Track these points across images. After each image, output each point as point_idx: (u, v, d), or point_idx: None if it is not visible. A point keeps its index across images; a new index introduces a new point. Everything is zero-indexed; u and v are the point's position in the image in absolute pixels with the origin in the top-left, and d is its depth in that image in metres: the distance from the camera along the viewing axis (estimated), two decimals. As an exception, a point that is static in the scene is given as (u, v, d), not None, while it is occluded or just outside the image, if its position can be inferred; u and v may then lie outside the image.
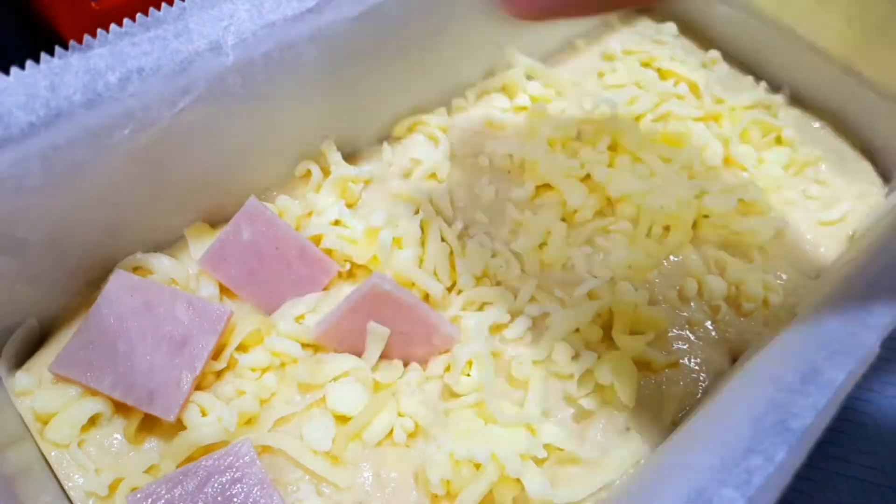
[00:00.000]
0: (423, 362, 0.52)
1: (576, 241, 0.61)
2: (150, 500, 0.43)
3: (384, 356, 0.52)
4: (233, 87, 0.50)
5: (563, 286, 0.59)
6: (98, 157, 0.46)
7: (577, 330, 0.54)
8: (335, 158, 0.61)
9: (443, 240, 0.58)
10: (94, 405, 0.48)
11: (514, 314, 0.55)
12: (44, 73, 0.42)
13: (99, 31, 0.44)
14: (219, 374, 0.51)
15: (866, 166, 0.73)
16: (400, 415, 0.50)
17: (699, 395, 0.54)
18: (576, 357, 0.53)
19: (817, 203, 0.68)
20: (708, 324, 0.59)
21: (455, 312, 0.55)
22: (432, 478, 0.46)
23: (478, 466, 0.46)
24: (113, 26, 0.45)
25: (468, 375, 0.51)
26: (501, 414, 0.48)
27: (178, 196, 0.55)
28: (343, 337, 0.52)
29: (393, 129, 0.68)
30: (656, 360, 0.54)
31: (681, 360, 0.56)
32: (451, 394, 0.51)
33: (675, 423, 0.52)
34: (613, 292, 0.55)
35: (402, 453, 0.49)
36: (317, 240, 0.57)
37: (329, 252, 0.57)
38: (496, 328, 0.54)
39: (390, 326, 0.51)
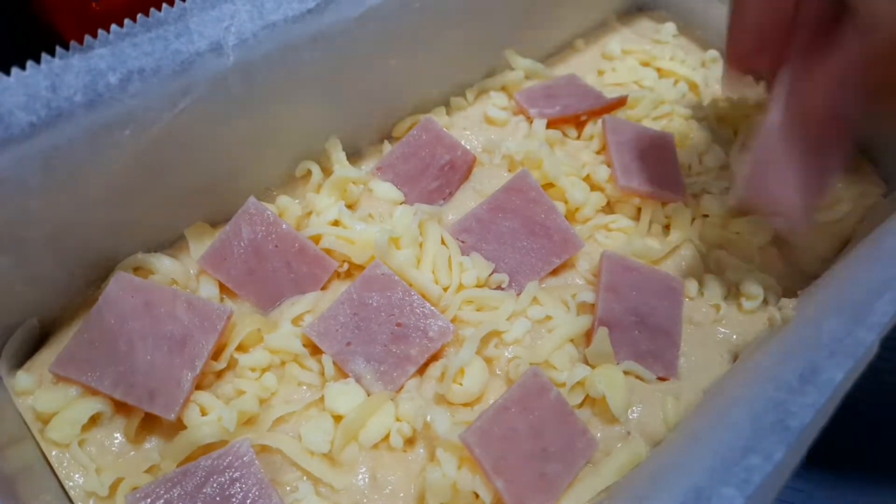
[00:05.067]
0: (419, 364, 0.52)
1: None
2: (148, 500, 0.43)
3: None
4: (233, 87, 0.50)
5: (564, 287, 0.59)
6: (99, 158, 0.46)
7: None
8: (339, 157, 0.61)
9: (442, 241, 0.58)
10: (94, 405, 0.48)
11: (515, 316, 0.55)
12: (45, 74, 0.42)
13: (100, 31, 0.44)
14: (219, 374, 0.51)
15: (866, 166, 0.73)
16: (398, 419, 0.50)
17: (699, 395, 0.54)
18: (571, 362, 0.53)
19: (817, 203, 0.68)
20: (708, 324, 0.59)
21: (454, 312, 0.55)
22: (431, 501, 0.46)
23: (477, 496, 0.46)
24: (114, 27, 0.45)
25: (460, 385, 0.51)
26: None
27: (178, 196, 0.55)
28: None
29: (393, 128, 0.68)
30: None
31: (681, 361, 0.56)
32: (447, 401, 0.51)
33: (675, 423, 0.52)
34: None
35: (399, 457, 0.49)
36: (316, 240, 0.57)
37: (328, 252, 0.57)
38: (495, 332, 0.54)
39: (387, 316, 0.52)
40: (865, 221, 0.66)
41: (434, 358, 0.53)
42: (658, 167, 0.63)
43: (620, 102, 0.69)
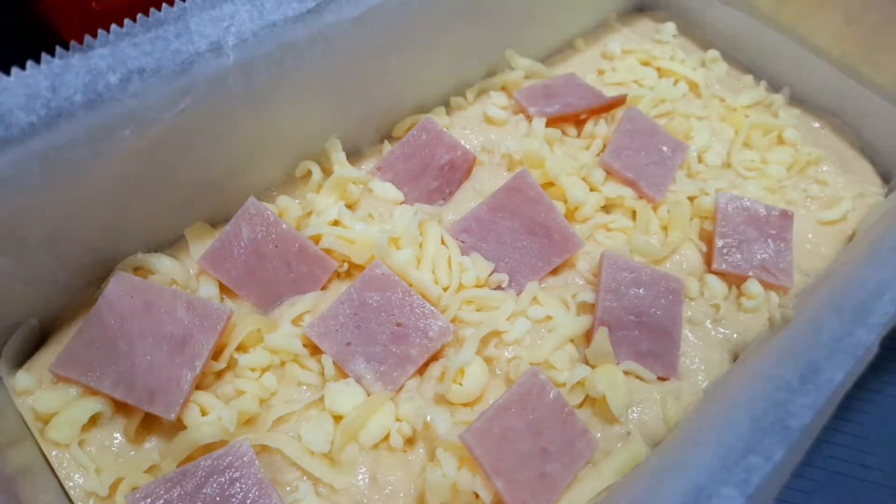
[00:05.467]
0: (419, 364, 0.52)
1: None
2: (148, 500, 0.43)
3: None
4: (233, 87, 0.50)
5: (563, 287, 0.59)
6: (99, 158, 0.46)
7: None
8: (339, 157, 0.61)
9: (442, 240, 0.58)
10: (94, 405, 0.48)
11: (515, 316, 0.55)
12: (45, 74, 0.42)
13: (100, 31, 0.44)
14: (219, 374, 0.51)
15: (866, 166, 0.73)
16: (398, 419, 0.50)
17: (699, 395, 0.54)
18: (571, 362, 0.53)
19: (818, 203, 0.68)
20: (708, 323, 0.59)
21: (454, 312, 0.55)
22: (431, 501, 0.46)
23: (477, 496, 0.46)
24: (114, 27, 0.45)
25: (460, 385, 0.51)
26: None
27: (178, 196, 0.55)
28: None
29: (393, 128, 0.68)
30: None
31: (681, 361, 0.56)
32: (447, 401, 0.51)
33: (675, 423, 0.52)
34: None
35: (399, 457, 0.49)
36: (316, 240, 0.57)
37: (328, 252, 0.57)
38: (495, 332, 0.54)
39: (387, 317, 0.52)
40: (865, 221, 0.66)
41: (434, 358, 0.53)
42: (651, 165, 0.63)
43: (620, 101, 0.69)
